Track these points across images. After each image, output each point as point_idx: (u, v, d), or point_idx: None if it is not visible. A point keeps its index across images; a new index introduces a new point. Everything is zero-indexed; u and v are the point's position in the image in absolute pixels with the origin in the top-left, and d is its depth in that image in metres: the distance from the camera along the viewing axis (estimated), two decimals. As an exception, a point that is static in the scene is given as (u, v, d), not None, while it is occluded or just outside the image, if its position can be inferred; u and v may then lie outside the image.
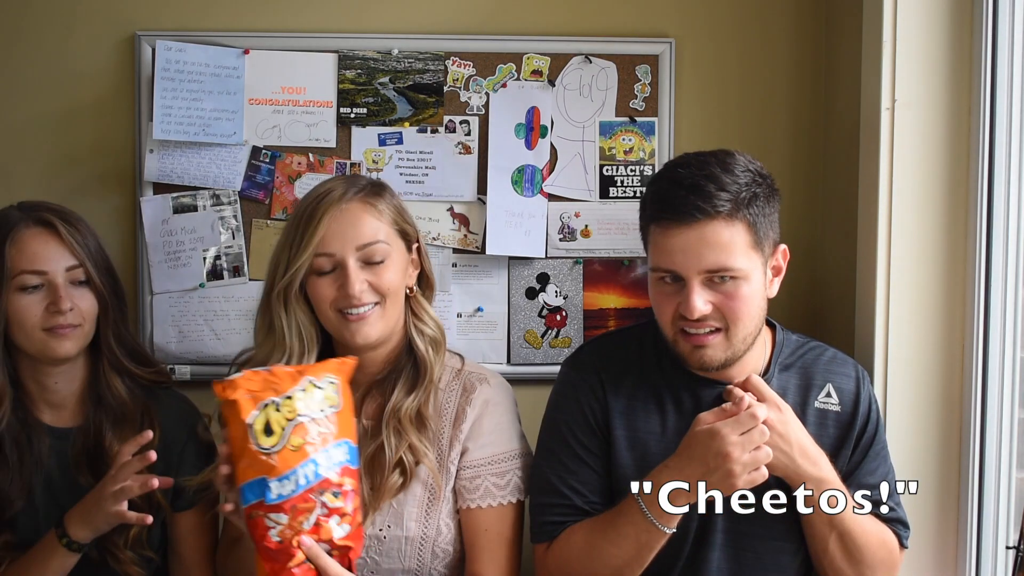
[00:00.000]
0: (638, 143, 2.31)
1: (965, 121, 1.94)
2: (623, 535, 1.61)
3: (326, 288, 1.68)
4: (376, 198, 1.72)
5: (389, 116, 2.27)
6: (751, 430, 1.53)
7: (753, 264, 1.60)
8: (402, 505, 1.72)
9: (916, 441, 1.97)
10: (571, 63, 2.29)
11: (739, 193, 1.58)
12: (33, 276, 1.71)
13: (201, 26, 2.25)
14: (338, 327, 1.71)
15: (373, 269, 1.69)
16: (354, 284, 1.66)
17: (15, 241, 1.71)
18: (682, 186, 1.58)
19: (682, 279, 1.59)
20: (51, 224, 1.73)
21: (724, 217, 1.57)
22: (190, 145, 2.24)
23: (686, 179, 1.58)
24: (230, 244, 2.26)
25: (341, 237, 1.67)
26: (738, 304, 1.59)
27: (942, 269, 1.96)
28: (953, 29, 1.94)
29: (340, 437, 1.46)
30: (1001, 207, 1.91)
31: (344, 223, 1.67)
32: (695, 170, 1.59)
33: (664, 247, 1.60)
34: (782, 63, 2.33)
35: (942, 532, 1.97)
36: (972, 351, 1.94)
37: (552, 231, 2.31)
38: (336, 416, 1.46)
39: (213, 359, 2.26)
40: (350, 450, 1.47)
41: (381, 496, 1.69)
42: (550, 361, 2.32)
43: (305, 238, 1.66)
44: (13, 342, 1.74)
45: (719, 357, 1.63)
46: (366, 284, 1.67)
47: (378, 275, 1.69)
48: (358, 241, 1.67)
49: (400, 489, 1.71)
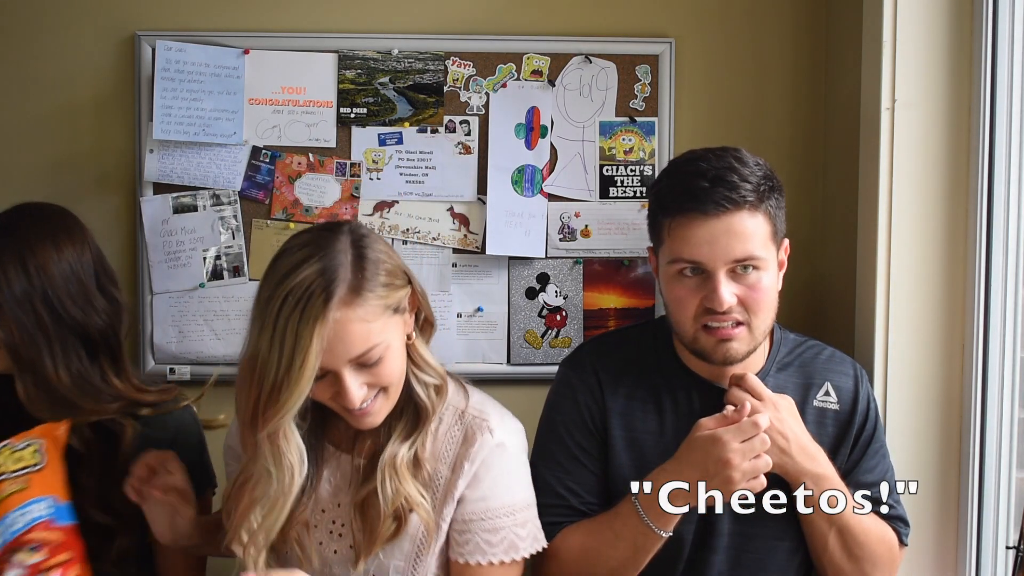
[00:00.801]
0: (638, 143, 2.31)
1: (965, 121, 1.94)
2: (620, 537, 1.61)
3: (322, 391, 1.52)
4: (361, 292, 1.48)
5: (389, 116, 2.27)
6: (752, 438, 1.52)
7: (771, 255, 1.62)
8: (388, 557, 1.60)
9: (916, 441, 1.97)
10: (571, 63, 2.29)
11: (759, 185, 1.59)
12: None
13: (201, 26, 2.25)
14: (341, 413, 1.58)
15: (370, 370, 1.51)
16: (354, 396, 1.50)
17: None
18: (705, 177, 1.58)
19: (705, 271, 1.59)
20: None
21: (749, 207, 1.57)
22: (190, 145, 2.24)
23: (708, 171, 1.58)
24: (230, 244, 2.26)
25: (331, 352, 1.46)
26: (760, 295, 1.60)
27: (942, 269, 1.96)
28: (953, 29, 1.94)
29: (38, 495, 1.49)
30: (1001, 207, 1.91)
31: (332, 340, 1.45)
32: (715, 162, 1.60)
33: (688, 239, 1.58)
34: (782, 63, 2.33)
35: (942, 532, 1.97)
36: (972, 351, 1.94)
37: (552, 231, 2.31)
38: (33, 476, 1.50)
39: (213, 359, 2.26)
40: (54, 507, 1.50)
41: (374, 542, 1.58)
42: (550, 361, 2.32)
43: (292, 371, 1.45)
44: None
45: (743, 350, 1.63)
46: (364, 388, 1.52)
47: (377, 375, 1.52)
48: (349, 355, 1.48)
49: (395, 535, 1.59)
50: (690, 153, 1.67)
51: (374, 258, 1.51)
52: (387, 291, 1.51)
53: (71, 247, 1.67)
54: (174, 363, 2.25)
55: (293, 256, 1.49)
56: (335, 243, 1.50)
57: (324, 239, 1.51)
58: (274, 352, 1.45)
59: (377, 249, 1.53)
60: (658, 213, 1.66)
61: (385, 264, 1.52)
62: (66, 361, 1.64)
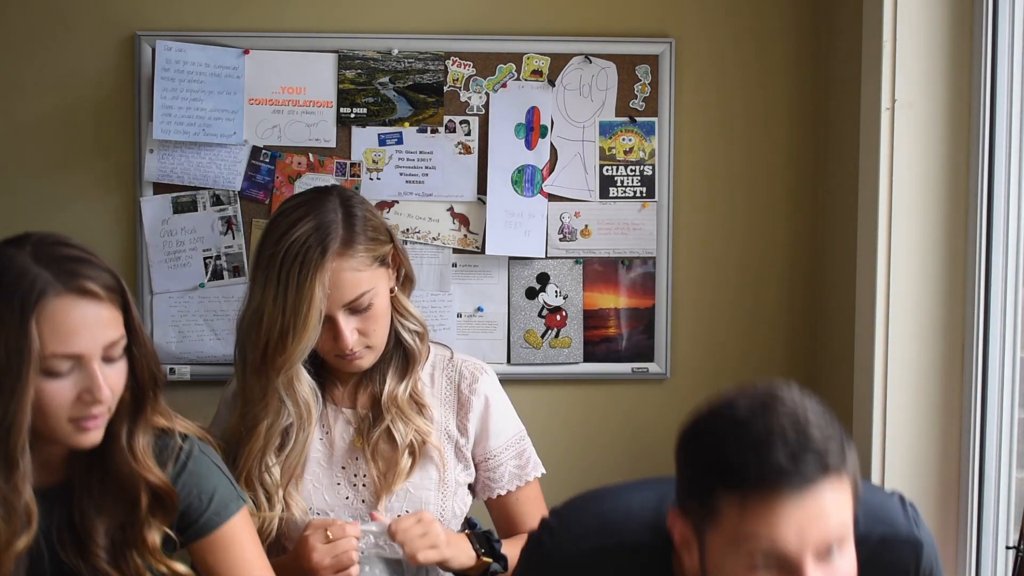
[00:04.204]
0: (638, 143, 2.31)
1: (965, 121, 1.94)
2: None
3: (322, 340, 1.71)
4: (352, 245, 1.69)
5: (389, 116, 2.27)
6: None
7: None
8: (419, 489, 1.77)
9: (916, 441, 1.97)
10: (571, 63, 2.29)
11: (831, 438, 1.23)
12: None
13: (201, 26, 2.24)
14: (331, 362, 1.78)
15: (361, 316, 1.71)
16: (348, 339, 1.70)
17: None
18: (782, 439, 1.19)
19: (790, 563, 1.20)
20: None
21: (836, 473, 1.21)
22: (190, 145, 2.24)
23: (776, 430, 1.20)
24: (230, 244, 2.26)
25: (328, 299, 1.67)
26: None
27: (942, 269, 1.96)
28: (953, 29, 1.94)
29: None
30: (1001, 207, 1.91)
31: (328, 287, 1.66)
32: (778, 418, 1.22)
33: (768, 526, 1.19)
34: (782, 63, 2.33)
35: (942, 532, 1.97)
36: (972, 351, 1.94)
37: (552, 231, 2.31)
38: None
39: (213, 359, 2.26)
40: None
41: (394, 480, 1.75)
42: (550, 361, 2.32)
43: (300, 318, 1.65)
44: None
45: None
46: (356, 334, 1.71)
47: (366, 320, 1.71)
48: (343, 300, 1.68)
49: (411, 471, 1.76)
50: (726, 408, 1.26)
51: (361, 216, 1.72)
52: (374, 244, 1.72)
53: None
54: (174, 363, 2.25)
55: (289, 217, 1.69)
56: (326, 203, 1.71)
57: (316, 200, 1.72)
58: (279, 302, 1.65)
59: (363, 208, 1.74)
60: (707, 484, 1.24)
61: (371, 221, 1.73)
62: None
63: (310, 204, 1.71)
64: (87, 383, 1.36)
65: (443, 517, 1.78)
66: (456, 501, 1.81)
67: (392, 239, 1.78)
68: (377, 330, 1.73)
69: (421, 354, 1.82)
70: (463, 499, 1.83)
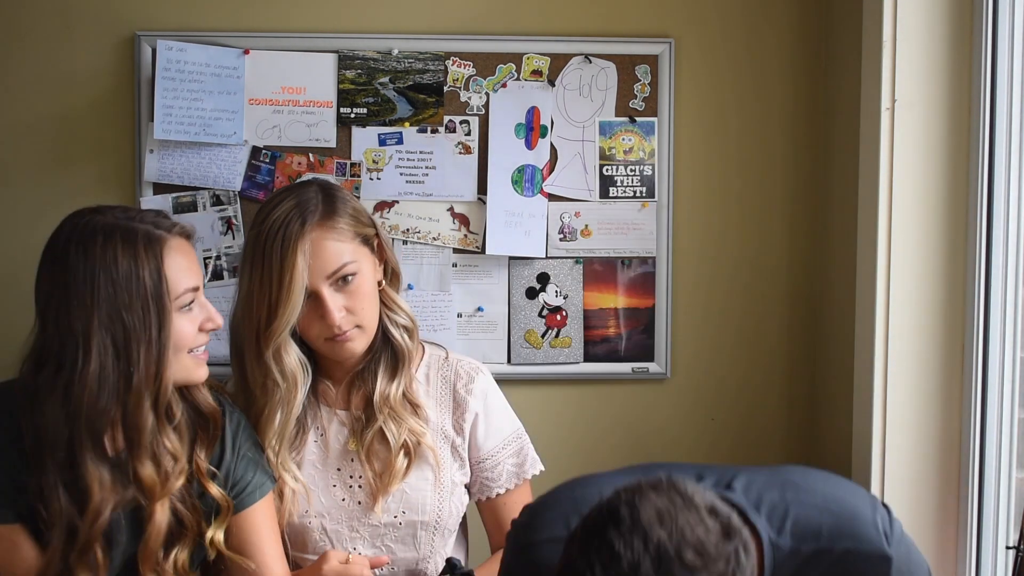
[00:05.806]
0: (638, 143, 2.31)
1: (965, 121, 1.94)
2: None
3: (309, 322, 1.72)
4: (333, 217, 1.72)
5: (389, 116, 2.27)
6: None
7: None
8: (415, 490, 1.78)
9: (916, 441, 1.97)
10: (571, 63, 2.29)
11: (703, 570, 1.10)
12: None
13: (201, 26, 2.24)
14: (323, 348, 1.76)
15: (346, 291, 1.71)
16: (335, 316, 1.69)
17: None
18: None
19: None
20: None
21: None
22: (190, 145, 2.24)
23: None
24: (230, 244, 2.26)
25: (310, 270, 1.68)
26: None
27: (942, 269, 1.96)
28: (953, 29, 1.94)
29: None
30: (1001, 207, 1.91)
31: (310, 256, 1.68)
32: (643, 550, 1.10)
33: None
34: (782, 63, 2.33)
35: (942, 532, 1.97)
36: (972, 351, 1.94)
37: (552, 231, 2.31)
38: None
39: (213, 359, 2.25)
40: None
41: (390, 481, 1.75)
42: (550, 361, 2.32)
43: (284, 288, 1.67)
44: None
45: None
46: (343, 311, 1.71)
47: (351, 296, 1.71)
48: (326, 271, 1.69)
49: (407, 471, 1.77)
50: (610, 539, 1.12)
51: (342, 196, 1.77)
52: (355, 222, 1.74)
53: None
54: (174, 363, 2.25)
55: (270, 204, 1.74)
56: (307, 188, 1.76)
57: (297, 187, 1.77)
58: (265, 277, 1.68)
59: (344, 194, 1.79)
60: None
61: (352, 203, 1.77)
62: None
63: (290, 190, 1.76)
64: (207, 313, 1.66)
65: (440, 517, 1.78)
66: (453, 501, 1.81)
67: (375, 227, 1.80)
68: (365, 308, 1.73)
69: (411, 352, 1.82)
70: (460, 499, 1.83)
